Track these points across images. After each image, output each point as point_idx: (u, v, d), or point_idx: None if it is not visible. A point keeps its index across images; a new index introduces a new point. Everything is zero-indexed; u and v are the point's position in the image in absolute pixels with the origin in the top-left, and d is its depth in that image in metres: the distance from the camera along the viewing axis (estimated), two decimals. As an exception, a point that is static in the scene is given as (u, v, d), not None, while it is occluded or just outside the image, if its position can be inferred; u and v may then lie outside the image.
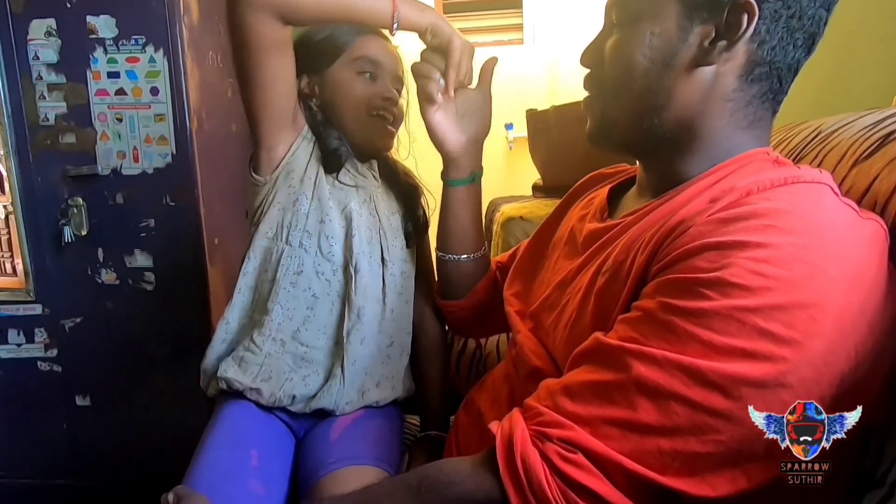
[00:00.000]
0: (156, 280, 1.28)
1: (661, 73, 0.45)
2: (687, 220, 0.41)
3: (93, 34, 1.19)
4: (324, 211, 0.70)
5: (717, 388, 0.35)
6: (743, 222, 0.37)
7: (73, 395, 1.33)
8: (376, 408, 0.72)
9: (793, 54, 0.44)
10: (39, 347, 1.32)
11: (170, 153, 1.23)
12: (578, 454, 0.37)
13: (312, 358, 0.70)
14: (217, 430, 0.66)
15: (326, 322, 0.70)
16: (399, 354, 0.74)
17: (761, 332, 0.34)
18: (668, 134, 0.47)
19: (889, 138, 0.46)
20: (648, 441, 0.36)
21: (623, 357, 0.38)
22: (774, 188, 0.39)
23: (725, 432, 0.35)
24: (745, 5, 0.42)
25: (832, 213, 0.38)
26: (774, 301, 0.35)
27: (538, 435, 0.39)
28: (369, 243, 0.72)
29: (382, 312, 0.72)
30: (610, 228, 0.51)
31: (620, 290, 0.44)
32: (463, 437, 0.61)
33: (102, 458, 1.36)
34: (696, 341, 0.36)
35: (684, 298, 0.37)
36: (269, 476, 0.63)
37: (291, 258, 0.69)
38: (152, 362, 1.31)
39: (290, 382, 0.68)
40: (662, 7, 0.45)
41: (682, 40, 0.44)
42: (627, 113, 0.48)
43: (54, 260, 1.28)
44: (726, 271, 0.36)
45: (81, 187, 1.25)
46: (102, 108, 1.22)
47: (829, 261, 0.35)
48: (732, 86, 0.45)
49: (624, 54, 0.46)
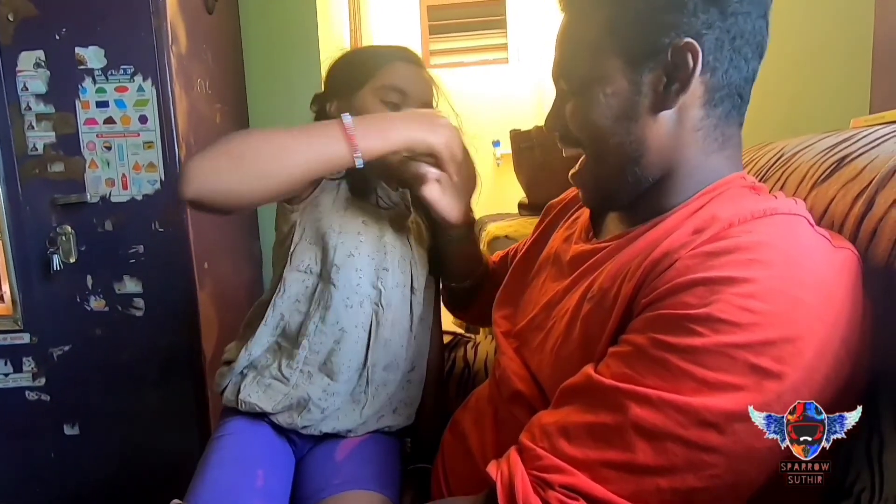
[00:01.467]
0: (145, 306, 1.28)
1: (628, 128, 0.46)
2: (671, 252, 0.41)
3: (81, 64, 1.21)
4: (354, 244, 0.69)
5: (712, 427, 0.35)
6: (727, 256, 0.38)
7: (62, 424, 1.32)
8: (383, 433, 0.72)
9: (746, 68, 0.45)
10: (27, 376, 1.30)
11: (158, 179, 1.25)
12: (580, 500, 0.37)
13: (336, 391, 0.69)
14: (223, 446, 0.66)
15: (353, 355, 0.69)
16: (419, 380, 0.75)
17: (752, 367, 0.35)
18: (652, 177, 0.48)
19: (844, 161, 0.49)
20: (647, 481, 0.37)
21: (618, 398, 0.39)
22: (754, 220, 0.40)
23: (720, 466, 0.36)
24: (686, 46, 0.43)
25: (808, 244, 0.40)
26: (763, 337, 0.36)
27: (539, 482, 0.39)
28: (403, 273, 0.72)
29: (409, 339, 0.73)
30: (596, 251, 0.51)
31: (606, 318, 0.44)
32: (449, 458, 0.62)
33: (91, 488, 1.34)
34: (690, 378, 0.36)
35: (676, 335, 0.38)
36: (272, 497, 0.63)
37: (322, 292, 0.69)
38: (142, 389, 1.31)
39: (309, 413, 0.68)
40: (607, 67, 0.46)
41: (635, 93, 0.45)
42: (613, 170, 0.49)
43: (42, 288, 1.27)
44: (715, 307, 0.37)
45: (70, 215, 1.25)
46: (91, 136, 1.23)
47: (808, 291, 0.37)
48: (698, 115, 0.46)
49: (587, 120, 0.48)
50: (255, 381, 0.70)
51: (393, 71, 0.70)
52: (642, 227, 0.48)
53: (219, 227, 1.41)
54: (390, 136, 0.58)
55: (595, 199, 0.53)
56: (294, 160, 0.56)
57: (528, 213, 1.49)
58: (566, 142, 0.52)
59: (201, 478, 0.61)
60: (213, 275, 1.37)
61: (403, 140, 0.59)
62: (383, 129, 0.58)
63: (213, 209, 0.56)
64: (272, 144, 0.56)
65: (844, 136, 0.53)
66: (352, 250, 0.69)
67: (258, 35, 1.68)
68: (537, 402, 0.51)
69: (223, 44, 1.53)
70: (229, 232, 1.52)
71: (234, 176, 0.54)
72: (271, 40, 1.68)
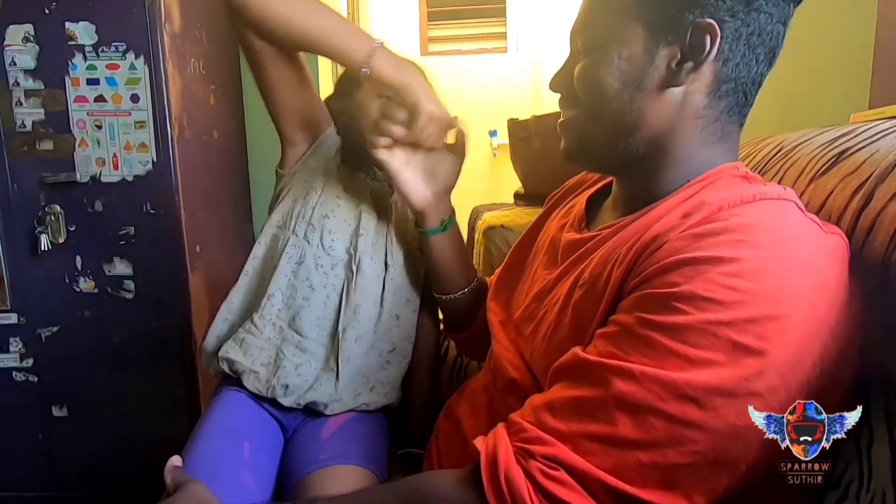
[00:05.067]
0: (135, 288, 1.27)
1: (632, 95, 0.46)
2: (661, 235, 0.42)
3: (72, 40, 1.18)
4: (331, 206, 0.73)
5: (692, 401, 0.36)
6: (715, 237, 0.39)
7: (50, 406, 1.31)
8: (366, 412, 0.73)
9: (756, 69, 0.45)
10: (15, 357, 1.29)
11: (150, 160, 1.22)
12: (560, 471, 0.38)
13: (306, 347, 0.72)
14: (212, 419, 0.68)
15: (321, 314, 0.72)
16: (399, 361, 0.76)
17: (735, 344, 0.36)
18: (642, 153, 0.48)
19: (843, 156, 0.49)
20: (628, 455, 0.37)
21: (603, 373, 0.39)
22: (744, 204, 0.41)
23: (701, 442, 0.36)
24: (707, 27, 0.43)
25: (797, 227, 0.40)
26: (746, 314, 0.36)
27: (521, 452, 0.40)
28: (374, 245, 0.74)
29: (379, 315, 0.74)
30: (587, 240, 0.52)
31: (597, 303, 0.44)
32: (443, 445, 0.62)
33: (79, 470, 1.34)
34: (673, 355, 0.37)
35: (661, 313, 0.38)
36: (258, 469, 0.64)
37: (295, 247, 0.73)
38: (131, 372, 1.30)
39: (284, 370, 0.70)
40: (627, 31, 0.46)
41: (648, 63, 0.46)
42: (603, 134, 0.49)
43: (30, 268, 1.25)
44: (700, 286, 0.37)
45: (59, 194, 1.23)
46: (81, 114, 1.21)
47: (796, 273, 0.37)
48: (701, 103, 0.46)
49: (595, 78, 0.48)
50: (232, 339, 0.73)
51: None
52: (633, 216, 0.49)
53: (211, 210, 1.39)
54: (400, 74, 0.62)
55: (574, 152, 0.53)
56: (327, 21, 0.64)
57: (524, 204, 1.48)
58: (567, 102, 0.52)
59: (191, 449, 0.63)
60: (204, 258, 1.35)
61: (405, 84, 0.62)
62: (400, 66, 0.63)
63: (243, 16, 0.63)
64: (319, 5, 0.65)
65: (844, 130, 0.53)
66: (328, 212, 0.73)
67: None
68: (531, 390, 0.51)
69: (218, 24, 1.50)
70: (222, 215, 1.51)
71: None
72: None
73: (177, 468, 0.52)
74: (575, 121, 0.51)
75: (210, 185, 1.39)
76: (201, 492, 0.47)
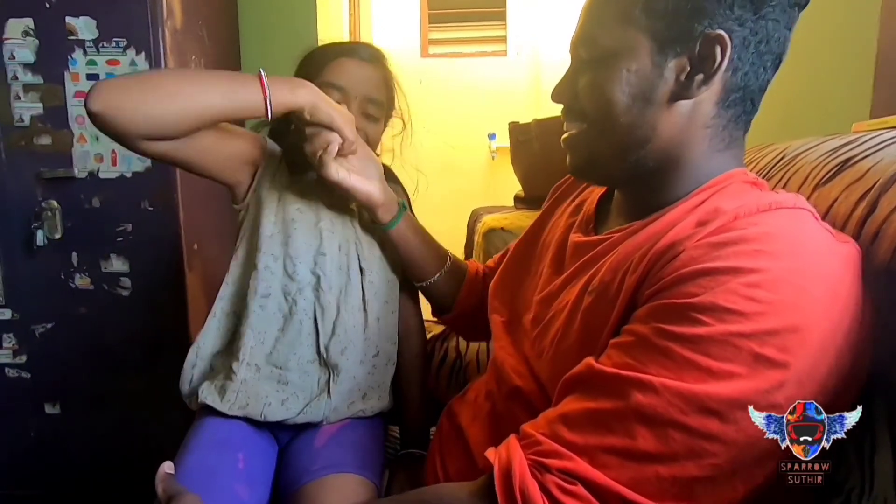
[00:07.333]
0: (132, 285, 1.26)
1: (642, 110, 0.46)
2: (676, 243, 0.41)
3: (72, 35, 1.17)
4: (287, 232, 0.70)
5: (714, 414, 0.35)
6: (733, 247, 0.38)
7: (43, 403, 1.29)
8: (362, 418, 0.72)
9: (763, 76, 0.45)
10: (8, 353, 1.28)
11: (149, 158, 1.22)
12: (578, 485, 0.37)
13: (288, 380, 0.69)
14: (202, 432, 0.66)
15: (296, 341, 0.69)
16: (385, 364, 0.75)
17: (756, 356, 0.35)
18: (652, 165, 0.48)
19: (847, 164, 0.49)
20: (647, 469, 0.37)
21: (620, 385, 0.38)
22: (760, 213, 0.40)
23: (721, 455, 0.36)
24: (717, 38, 0.42)
25: (814, 237, 0.40)
26: (767, 326, 0.36)
27: (537, 465, 0.39)
28: (346, 255, 0.72)
29: (365, 321, 0.72)
30: (596, 244, 0.51)
31: (609, 310, 0.44)
32: (446, 447, 0.61)
33: (71, 468, 1.32)
34: (694, 367, 0.36)
35: (680, 324, 0.37)
36: (253, 480, 0.63)
37: (259, 281, 0.69)
38: (126, 370, 1.28)
39: (269, 407, 0.68)
40: (633, 43, 0.45)
41: (657, 76, 0.45)
42: (612, 149, 0.48)
43: (26, 263, 1.24)
44: (720, 297, 0.36)
45: (56, 190, 1.22)
46: (80, 110, 1.20)
47: (813, 283, 0.37)
48: (711, 113, 0.46)
49: (603, 93, 0.46)
50: (212, 385, 0.69)
51: (335, 68, 0.72)
52: (643, 221, 0.48)
53: (210, 208, 1.39)
54: (299, 94, 0.61)
55: (583, 168, 0.53)
56: (207, 95, 0.59)
57: (524, 207, 1.48)
58: (571, 114, 0.51)
59: (182, 461, 0.61)
60: (202, 257, 1.34)
61: (310, 100, 0.61)
62: (295, 86, 0.61)
63: (115, 128, 0.57)
64: (189, 78, 0.61)
65: (848, 138, 0.53)
66: (286, 238, 0.70)
67: (255, 16, 1.64)
68: (536, 398, 0.51)
69: (219, 23, 1.50)
70: (220, 214, 1.50)
71: (144, 96, 0.56)
72: (269, 22, 1.64)
73: (169, 476, 0.51)
74: (583, 136, 0.50)
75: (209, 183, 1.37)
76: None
